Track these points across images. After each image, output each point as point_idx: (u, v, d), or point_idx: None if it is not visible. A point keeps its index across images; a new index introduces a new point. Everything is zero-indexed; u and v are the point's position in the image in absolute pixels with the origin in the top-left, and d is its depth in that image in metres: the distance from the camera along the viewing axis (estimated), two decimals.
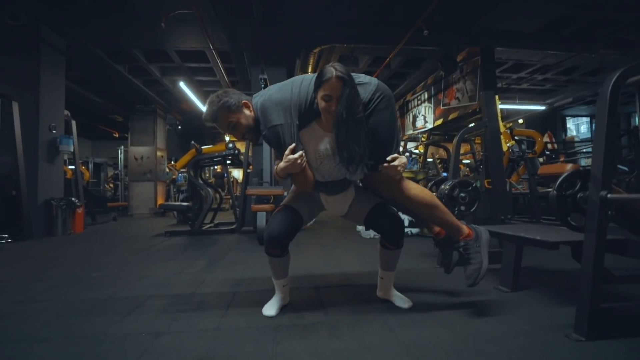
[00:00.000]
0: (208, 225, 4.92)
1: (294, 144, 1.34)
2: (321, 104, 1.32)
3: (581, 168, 1.43)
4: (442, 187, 2.35)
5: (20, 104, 4.39)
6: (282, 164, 1.35)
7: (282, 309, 1.57)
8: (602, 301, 1.19)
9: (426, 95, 6.90)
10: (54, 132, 4.83)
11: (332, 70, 1.27)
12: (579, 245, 1.48)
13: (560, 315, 1.44)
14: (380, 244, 1.62)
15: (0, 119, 4.32)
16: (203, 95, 8.34)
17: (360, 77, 1.40)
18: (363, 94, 1.35)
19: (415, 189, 1.48)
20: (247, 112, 1.43)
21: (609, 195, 1.12)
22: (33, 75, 4.56)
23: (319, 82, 1.30)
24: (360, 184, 1.67)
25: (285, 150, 1.34)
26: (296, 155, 1.32)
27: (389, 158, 1.36)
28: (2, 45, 4.56)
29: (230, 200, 6.57)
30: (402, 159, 1.37)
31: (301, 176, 1.40)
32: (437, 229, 1.64)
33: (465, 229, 1.49)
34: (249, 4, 4.45)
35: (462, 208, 2.30)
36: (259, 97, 1.45)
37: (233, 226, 4.67)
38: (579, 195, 1.33)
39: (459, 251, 1.49)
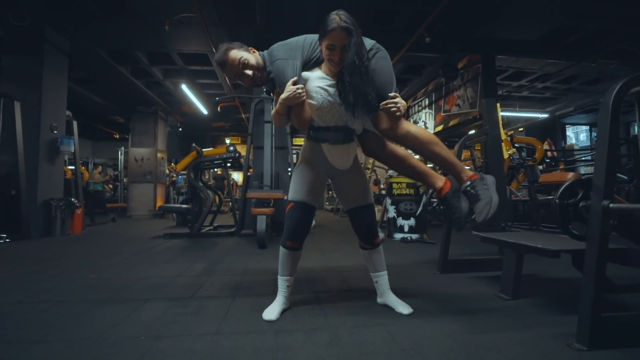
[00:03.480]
0: (207, 228, 4.91)
1: (295, 77, 1.38)
2: (325, 52, 1.37)
3: (583, 177, 1.44)
4: None
5: (22, 103, 4.40)
6: (282, 95, 1.38)
7: (283, 314, 1.56)
8: (604, 310, 1.18)
9: (427, 102, 6.94)
10: (55, 132, 4.84)
11: (337, 19, 1.30)
12: (580, 254, 1.48)
13: (561, 324, 1.43)
14: (360, 247, 1.69)
15: (2, 119, 4.33)
16: (205, 98, 8.37)
17: None
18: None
19: (415, 127, 1.49)
20: (255, 54, 1.51)
21: (611, 205, 1.13)
22: (36, 75, 4.58)
23: (324, 32, 1.33)
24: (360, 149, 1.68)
25: (286, 83, 1.38)
26: (297, 86, 1.36)
27: (390, 95, 1.40)
28: (6, 45, 4.58)
29: (230, 203, 6.56)
30: (402, 101, 1.41)
31: (299, 109, 1.42)
32: (440, 183, 1.53)
33: (468, 171, 1.48)
34: (252, 9, 4.48)
35: None
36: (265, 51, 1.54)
37: (232, 229, 4.66)
38: (580, 204, 1.33)
39: (466, 190, 1.44)
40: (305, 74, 1.46)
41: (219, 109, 8.15)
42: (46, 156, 4.70)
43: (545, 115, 8.90)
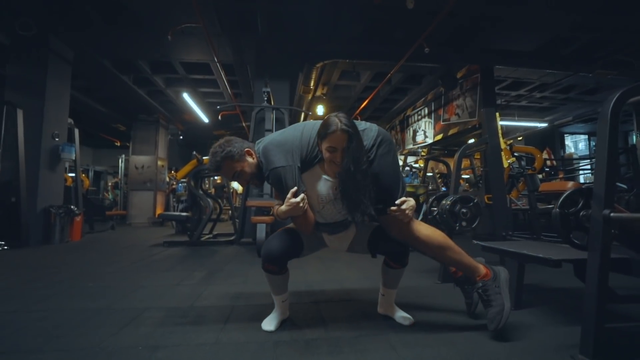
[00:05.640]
0: (207, 236, 4.89)
1: (296, 187, 1.32)
2: (325, 154, 1.33)
3: (583, 186, 1.44)
4: (443, 202, 2.35)
5: (25, 111, 4.43)
6: (284, 207, 1.34)
7: (282, 324, 1.54)
8: (607, 321, 1.17)
9: (426, 111, 6.99)
10: (57, 140, 4.86)
11: (337, 122, 1.28)
12: (582, 264, 1.47)
13: (564, 335, 1.42)
14: (384, 263, 1.61)
15: (5, 126, 4.35)
16: (206, 107, 8.44)
17: (360, 125, 1.42)
18: (365, 141, 1.37)
19: (426, 230, 1.46)
20: (250, 159, 1.44)
21: (611, 214, 1.12)
22: (39, 83, 4.63)
23: (324, 134, 1.30)
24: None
25: (287, 192, 1.32)
26: (298, 199, 1.30)
27: (397, 202, 1.35)
28: (11, 54, 4.64)
29: (230, 211, 6.54)
30: (411, 202, 1.37)
31: (302, 219, 1.39)
32: (453, 268, 1.61)
33: (482, 268, 1.47)
34: (254, 19, 4.56)
35: (464, 224, 2.30)
36: (261, 143, 1.46)
37: (232, 237, 4.64)
38: (581, 213, 1.33)
39: (478, 293, 1.46)
40: (305, 175, 1.41)
41: (220, 117, 8.20)
42: (47, 164, 4.71)
43: (544, 125, 8.95)
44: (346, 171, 1.29)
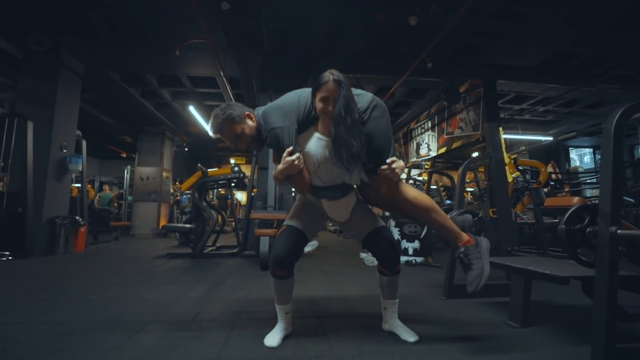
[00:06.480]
0: (210, 248, 4.87)
1: (291, 147, 1.38)
2: (318, 105, 1.38)
3: (588, 202, 1.43)
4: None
5: (34, 123, 4.52)
6: (280, 166, 1.38)
7: (285, 340, 1.52)
8: (618, 341, 1.14)
9: (430, 124, 7.02)
10: (65, 151, 4.93)
11: (329, 74, 1.36)
12: (589, 281, 1.45)
13: (574, 355, 1.38)
14: (377, 271, 1.63)
15: (15, 138, 4.44)
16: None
17: (356, 91, 1.48)
18: (360, 103, 1.43)
19: (414, 191, 1.51)
20: (250, 122, 1.50)
21: (618, 231, 1.12)
22: (50, 96, 4.73)
23: (317, 85, 1.37)
24: (359, 195, 1.69)
25: (283, 152, 1.37)
26: (294, 157, 1.36)
27: (388, 161, 1.39)
28: (24, 68, 4.77)
29: (233, 223, 6.53)
30: (400, 163, 1.42)
31: (298, 178, 1.43)
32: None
33: (464, 235, 1.51)
34: (260, 35, 4.66)
35: None
36: (260, 109, 1.53)
37: (235, 250, 4.62)
38: (588, 229, 1.32)
39: (459, 257, 1.48)
40: (300, 137, 1.46)
41: None
42: (54, 174, 4.77)
43: (549, 139, 8.94)
44: (337, 116, 1.34)
